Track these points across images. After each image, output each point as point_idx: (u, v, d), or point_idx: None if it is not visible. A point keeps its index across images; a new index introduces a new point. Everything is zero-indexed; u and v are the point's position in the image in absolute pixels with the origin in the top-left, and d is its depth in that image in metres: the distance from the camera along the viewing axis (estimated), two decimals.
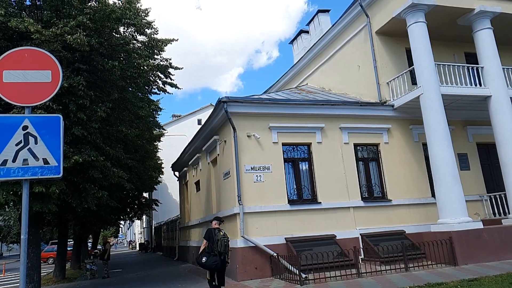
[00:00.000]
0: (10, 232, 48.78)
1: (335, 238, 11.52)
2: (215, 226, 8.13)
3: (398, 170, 12.92)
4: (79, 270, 19.74)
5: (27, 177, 4.26)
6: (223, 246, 7.71)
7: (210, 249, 7.73)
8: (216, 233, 7.86)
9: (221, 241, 7.74)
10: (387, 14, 12.87)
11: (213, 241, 7.75)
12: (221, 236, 7.82)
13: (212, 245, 7.74)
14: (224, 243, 7.76)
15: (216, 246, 7.69)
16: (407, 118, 13.23)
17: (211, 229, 8.03)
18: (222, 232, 7.96)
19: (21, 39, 9.60)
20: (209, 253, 7.71)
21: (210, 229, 8.09)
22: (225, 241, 7.81)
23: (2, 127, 4.27)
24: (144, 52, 11.38)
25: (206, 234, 8.01)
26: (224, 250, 7.73)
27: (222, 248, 7.70)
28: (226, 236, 7.94)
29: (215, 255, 7.67)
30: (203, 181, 15.81)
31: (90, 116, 9.58)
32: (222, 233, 7.92)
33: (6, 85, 4.44)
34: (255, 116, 11.86)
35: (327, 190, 12.05)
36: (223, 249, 7.72)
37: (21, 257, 4.19)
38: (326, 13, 18.46)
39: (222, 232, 7.95)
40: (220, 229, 8.08)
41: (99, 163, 9.69)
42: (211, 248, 7.73)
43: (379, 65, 13.42)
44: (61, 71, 4.66)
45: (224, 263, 7.88)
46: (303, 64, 18.37)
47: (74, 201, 10.05)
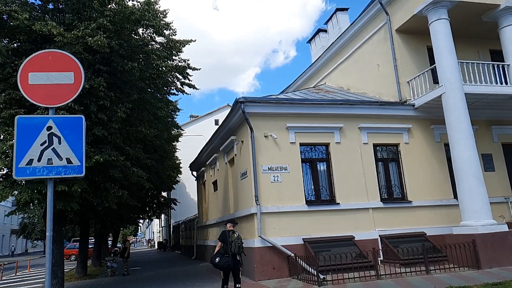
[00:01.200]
0: (34, 229, 50.14)
1: (354, 239, 11.40)
2: (230, 228, 8.39)
3: (419, 171, 12.68)
4: (99, 267, 20.12)
5: (52, 176, 4.37)
6: (236, 247, 7.99)
7: (224, 250, 8.04)
8: (230, 235, 8.15)
9: (235, 243, 8.03)
10: (408, 12, 12.64)
11: (227, 242, 8.05)
12: (235, 238, 8.09)
13: (226, 246, 8.03)
14: (237, 244, 8.03)
15: (230, 248, 7.98)
16: (428, 118, 12.97)
17: (226, 231, 8.32)
18: (236, 234, 8.21)
19: (44, 42, 9.83)
20: (223, 254, 8.02)
21: (225, 231, 8.38)
22: (238, 242, 8.07)
23: (28, 128, 4.39)
24: (163, 53, 11.50)
25: (221, 236, 8.32)
26: (237, 251, 8.01)
27: (235, 250, 7.98)
28: (239, 238, 8.21)
29: (228, 256, 7.96)
30: (221, 181, 15.89)
31: (111, 116, 9.74)
32: (236, 235, 8.18)
33: (31, 87, 4.57)
34: (272, 116, 11.84)
35: (346, 191, 11.93)
36: (237, 251, 8.00)
37: (47, 254, 4.30)
38: (345, 11, 18.28)
39: (236, 234, 8.21)
40: (234, 231, 8.33)
41: (119, 162, 9.85)
42: (225, 249, 8.03)
43: (399, 64, 13.19)
44: (83, 73, 4.76)
45: (238, 263, 8.14)
46: (321, 63, 18.23)
47: (95, 200, 10.24)
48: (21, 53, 9.71)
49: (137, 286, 12.00)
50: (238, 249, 8.01)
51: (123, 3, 10.27)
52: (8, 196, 9.36)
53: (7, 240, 53.82)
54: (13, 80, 9.24)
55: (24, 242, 59.69)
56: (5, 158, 8.99)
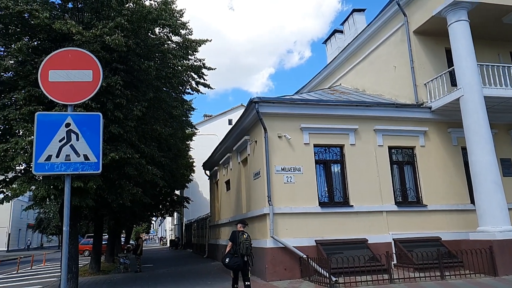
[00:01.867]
0: (49, 224, 51.08)
1: (367, 242, 11.29)
2: (240, 229, 8.52)
3: (435, 175, 12.48)
4: (112, 263, 20.36)
5: (69, 172, 4.43)
6: (245, 248, 8.11)
7: (234, 250, 8.18)
8: (239, 236, 8.26)
9: (243, 244, 8.15)
10: (426, 13, 12.45)
11: (236, 243, 8.18)
12: (244, 239, 8.22)
13: (235, 247, 8.18)
14: (246, 245, 8.15)
15: (239, 248, 8.11)
16: (445, 121, 12.76)
17: (236, 232, 8.46)
18: (245, 235, 8.34)
19: (63, 40, 9.99)
20: (233, 254, 8.16)
21: (235, 231, 8.52)
22: (247, 243, 8.18)
23: (47, 124, 4.47)
24: (179, 52, 11.58)
25: (231, 236, 8.44)
26: (246, 252, 8.13)
27: (244, 250, 8.11)
28: (249, 239, 8.32)
29: (237, 256, 8.10)
30: (233, 180, 15.92)
31: (127, 114, 9.84)
32: (245, 236, 8.30)
33: (51, 84, 4.65)
34: (286, 117, 11.80)
35: (360, 193, 11.82)
36: (245, 251, 8.12)
37: (63, 248, 4.37)
38: (362, 12, 18.11)
39: (246, 235, 8.33)
40: (244, 231, 8.45)
41: (134, 160, 9.94)
42: (235, 250, 8.18)
43: (416, 66, 13.01)
44: (101, 71, 4.82)
45: (246, 264, 8.24)
46: (336, 64, 18.10)
47: (110, 197, 10.35)
48: (41, 51, 9.89)
49: (149, 283, 12.11)
50: (246, 250, 8.13)
51: (141, 2, 10.37)
52: (26, 191, 9.54)
53: (23, 234, 54.96)
54: (33, 78, 9.42)
55: (39, 237, 60.89)
56: (24, 154, 9.15)
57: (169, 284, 11.55)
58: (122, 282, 12.71)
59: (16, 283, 14.35)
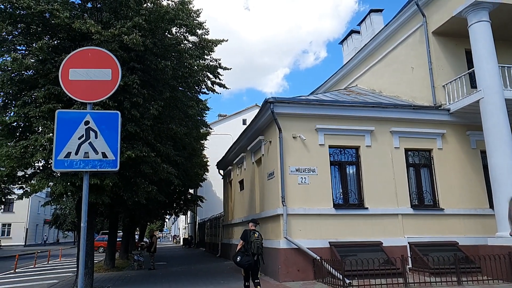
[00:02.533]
0: (65, 220, 52.02)
1: (382, 245, 11.17)
2: (251, 228, 8.57)
3: (452, 178, 12.25)
4: (126, 260, 20.60)
5: (88, 169, 4.50)
6: (256, 247, 8.15)
7: (245, 249, 8.23)
8: (251, 235, 8.31)
9: (255, 243, 8.19)
10: (446, 13, 12.24)
11: (248, 242, 8.23)
12: (255, 238, 8.26)
13: (247, 245, 8.22)
14: (257, 244, 8.18)
15: (250, 247, 8.16)
16: (464, 123, 12.53)
17: (247, 230, 8.50)
18: (256, 234, 8.37)
19: (83, 39, 10.15)
20: (244, 252, 8.21)
21: (246, 230, 8.56)
22: (258, 242, 8.22)
23: (67, 122, 4.54)
24: (195, 52, 11.63)
25: (243, 235, 8.50)
26: (257, 251, 8.17)
27: (255, 249, 8.15)
28: (260, 238, 8.35)
29: (248, 255, 8.14)
30: (247, 180, 15.93)
31: (143, 113, 9.94)
32: (256, 235, 8.34)
33: (71, 83, 4.72)
34: (301, 117, 11.75)
35: (375, 195, 11.69)
36: (256, 250, 8.16)
37: (81, 244, 4.42)
38: (379, 12, 17.92)
39: (257, 234, 8.36)
40: (255, 230, 8.48)
41: (150, 158, 10.04)
42: (246, 248, 8.22)
43: (434, 67, 12.80)
44: (120, 70, 4.88)
45: (257, 262, 8.27)
46: (353, 65, 17.95)
47: (125, 194, 10.48)
48: (61, 50, 10.07)
49: (162, 280, 12.21)
50: (257, 249, 8.17)
51: (158, 2, 10.47)
52: (44, 187, 9.73)
53: (40, 229, 56.10)
54: (53, 76, 9.60)
55: (55, 232, 62.06)
56: (43, 151, 9.31)
57: (182, 282, 11.62)
58: (136, 279, 12.84)
59: (33, 277, 14.64)
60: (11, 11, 9.54)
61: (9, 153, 9.28)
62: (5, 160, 9.36)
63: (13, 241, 48.53)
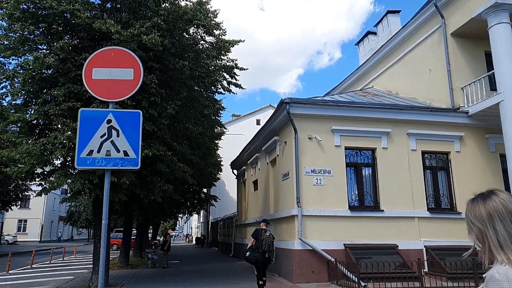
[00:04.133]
0: (80, 218, 52.81)
1: (397, 248, 11.05)
2: (263, 227, 8.90)
3: (471, 182, 12.04)
4: (140, 258, 20.80)
5: (109, 167, 4.56)
6: (267, 245, 8.47)
7: (256, 246, 8.59)
8: (262, 233, 8.64)
9: (266, 241, 8.50)
10: (465, 15, 12.05)
11: (259, 240, 8.57)
12: (266, 236, 8.58)
13: (258, 243, 8.57)
14: (268, 242, 8.50)
15: (260, 245, 8.49)
16: (483, 126, 12.31)
17: (259, 229, 8.86)
18: (268, 233, 8.69)
19: (102, 39, 10.30)
20: (254, 249, 8.59)
21: (258, 229, 8.93)
22: (269, 241, 8.53)
23: (90, 120, 4.61)
24: (212, 52, 11.69)
25: (254, 233, 8.88)
26: (267, 249, 8.48)
27: (266, 247, 8.46)
28: (271, 237, 8.66)
29: (258, 252, 8.49)
30: (261, 180, 15.93)
31: (160, 112, 10.03)
32: (267, 233, 8.66)
33: (94, 82, 4.79)
34: (317, 118, 11.71)
35: (391, 198, 11.58)
36: (267, 248, 8.47)
37: (101, 241, 4.50)
38: (396, 14, 17.72)
39: (268, 233, 8.68)
40: (266, 230, 8.81)
41: (166, 157, 10.13)
42: (256, 246, 8.59)
43: (453, 69, 12.61)
44: (142, 70, 4.94)
45: (267, 260, 8.60)
46: (369, 66, 17.81)
47: (142, 193, 10.59)
48: (80, 49, 10.23)
49: (176, 279, 12.29)
50: (268, 247, 8.45)
51: (177, 2, 10.56)
52: (63, 184, 9.90)
53: (55, 226, 57.08)
54: (72, 75, 9.76)
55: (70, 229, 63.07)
56: (62, 148, 9.47)
57: (196, 281, 11.68)
58: (150, 277, 12.96)
59: (49, 273, 14.90)
60: (33, 11, 9.74)
61: (29, 150, 9.47)
62: (26, 157, 9.55)
63: (28, 237, 49.52)
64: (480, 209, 1.50)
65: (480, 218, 1.49)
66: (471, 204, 1.56)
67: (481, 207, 1.50)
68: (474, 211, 1.52)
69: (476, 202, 1.54)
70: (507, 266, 1.37)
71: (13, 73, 10.09)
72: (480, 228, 1.48)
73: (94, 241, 11.28)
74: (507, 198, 1.48)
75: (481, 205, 1.51)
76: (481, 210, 1.50)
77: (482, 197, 1.54)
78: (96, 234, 11.14)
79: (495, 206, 1.47)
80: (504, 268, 1.37)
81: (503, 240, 1.41)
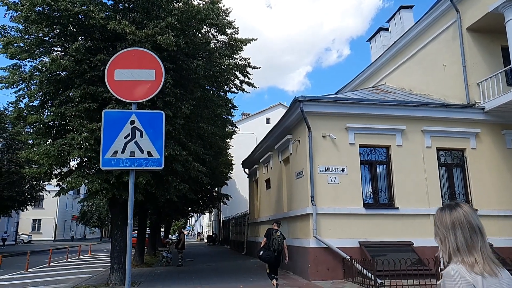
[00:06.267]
0: (92, 217, 53.41)
1: (412, 246, 10.99)
2: (274, 227, 9.39)
3: (487, 179, 11.92)
4: (154, 256, 20.98)
5: (134, 168, 4.61)
6: (277, 244, 8.98)
7: (268, 245, 9.05)
8: (273, 233, 9.14)
9: (276, 240, 9.01)
10: (481, 9, 11.90)
11: (270, 239, 9.05)
12: (277, 236, 9.09)
13: (269, 242, 9.05)
14: (278, 242, 9.00)
15: (272, 244, 8.97)
16: (499, 122, 12.16)
17: (270, 229, 9.37)
18: (278, 232, 9.20)
19: (115, 40, 10.39)
20: (266, 248, 9.04)
21: (270, 229, 9.42)
22: (279, 240, 9.03)
23: (114, 121, 4.65)
24: (225, 51, 11.72)
25: (266, 233, 9.36)
26: (277, 247, 8.97)
27: (276, 246, 8.97)
28: (281, 236, 9.15)
29: (270, 250, 8.97)
30: (274, 179, 15.94)
31: (175, 112, 10.09)
32: (278, 233, 9.17)
33: (116, 83, 4.83)
34: (331, 116, 11.67)
35: (406, 195, 11.51)
36: (277, 247, 8.97)
37: (127, 240, 4.57)
38: (409, 9, 17.50)
39: (279, 233, 9.19)
40: (278, 229, 9.31)
41: (182, 157, 10.20)
42: (268, 245, 9.04)
43: (468, 64, 12.46)
44: (163, 70, 4.96)
45: (278, 258, 9.09)
46: (381, 63, 17.67)
47: (158, 192, 10.68)
48: (95, 51, 10.32)
49: (192, 276, 12.39)
50: (278, 246, 8.97)
51: (190, 2, 10.60)
52: (81, 184, 10.03)
53: (68, 225, 57.81)
54: (88, 76, 9.85)
55: (82, 228, 63.82)
56: (79, 149, 9.57)
57: (212, 279, 11.76)
58: (167, 275, 13.08)
59: (67, 271, 15.14)
60: (48, 13, 9.85)
61: (47, 151, 9.60)
62: (44, 158, 9.68)
63: (43, 236, 50.28)
64: (446, 217, 1.78)
65: (445, 225, 1.77)
66: (440, 212, 1.83)
67: (447, 216, 1.77)
68: (441, 219, 1.80)
69: (444, 212, 1.81)
70: (461, 265, 1.67)
71: (29, 75, 10.22)
72: (444, 233, 1.76)
73: (111, 240, 11.41)
74: (469, 211, 1.77)
75: (448, 214, 1.78)
76: (447, 218, 1.77)
77: (449, 208, 1.81)
78: (113, 233, 11.28)
79: (458, 216, 1.74)
80: (458, 266, 1.67)
81: (461, 245, 1.71)
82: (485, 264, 1.67)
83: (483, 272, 1.64)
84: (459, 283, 1.63)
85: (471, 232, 1.72)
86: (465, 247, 1.70)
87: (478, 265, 1.66)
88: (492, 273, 1.66)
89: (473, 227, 1.73)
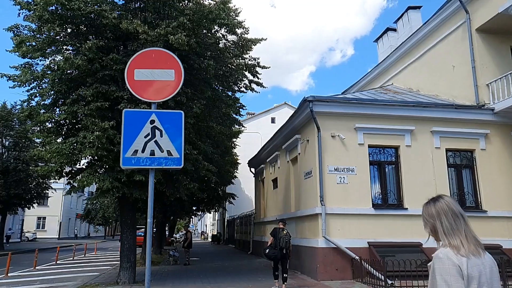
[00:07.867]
0: (96, 215, 53.57)
1: (421, 246, 10.97)
2: (281, 226, 9.66)
3: (497, 180, 11.90)
4: (160, 255, 21.03)
5: (154, 167, 4.66)
6: (284, 242, 9.29)
7: (274, 244, 9.37)
8: (279, 232, 9.43)
9: (283, 239, 9.31)
10: (491, 10, 11.88)
11: (277, 238, 9.35)
12: (284, 234, 9.40)
13: (276, 240, 9.33)
14: (285, 240, 9.30)
15: (278, 242, 9.27)
16: (509, 123, 12.15)
17: (277, 228, 9.64)
18: (285, 231, 9.52)
19: (127, 39, 10.44)
20: (273, 247, 9.38)
21: (276, 228, 9.71)
22: (286, 239, 9.33)
23: (134, 121, 4.70)
24: (235, 51, 11.75)
25: (272, 231, 9.68)
26: (284, 246, 9.28)
27: (283, 244, 9.28)
28: (288, 235, 9.45)
29: (276, 248, 9.29)
30: (281, 179, 15.96)
31: (186, 112, 10.10)
32: (285, 232, 9.48)
33: (136, 83, 4.88)
34: (340, 116, 11.69)
35: (415, 196, 11.49)
36: (284, 245, 9.29)
37: (147, 238, 4.63)
38: (417, 9, 17.48)
39: (285, 232, 9.50)
40: (284, 228, 9.60)
41: (192, 156, 10.24)
42: (275, 243, 9.35)
43: (478, 65, 12.44)
44: (183, 71, 5.01)
45: (285, 256, 9.38)
46: (388, 63, 17.66)
47: (168, 191, 10.73)
48: (107, 50, 10.37)
49: (200, 275, 12.44)
50: (285, 244, 9.27)
51: (201, 1, 10.63)
52: (92, 183, 10.07)
53: (72, 223, 58.02)
54: (100, 75, 9.91)
55: (86, 226, 64.03)
56: (91, 148, 9.61)
57: (219, 278, 11.80)
58: (174, 274, 13.13)
59: (74, 269, 15.23)
60: (61, 13, 9.91)
61: (59, 150, 9.66)
62: (56, 156, 9.74)
63: (47, 234, 50.47)
64: (431, 208, 2.04)
65: (431, 215, 2.02)
66: (425, 206, 2.09)
67: (432, 207, 2.03)
68: (427, 211, 2.06)
69: (429, 204, 2.07)
70: (448, 248, 1.89)
71: (42, 74, 10.29)
72: (432, 223, 2.01)
73: (120, 238, 11.48)
74: (450, 200, 2.02)
75: (432, 206, 2.04)
76: (432, 209, 2.03)
77: (433, 200, 2.06)
78: (123, 231, 11.34)
79: (441, 206, 2.00)
80: (446, 249, 1.89)
81: (447, 230, 1.93)
82: (470, 244, 1.88)
83: (468, 254, 1.85)
84: (446, 263, 1.84)
85: (454, 217, 1.95)
86: (451, 231, 1.92)
87: (464, 247, 1.87)
88: (476, 251, 1.88)
89: (455, 213, 1.96)
